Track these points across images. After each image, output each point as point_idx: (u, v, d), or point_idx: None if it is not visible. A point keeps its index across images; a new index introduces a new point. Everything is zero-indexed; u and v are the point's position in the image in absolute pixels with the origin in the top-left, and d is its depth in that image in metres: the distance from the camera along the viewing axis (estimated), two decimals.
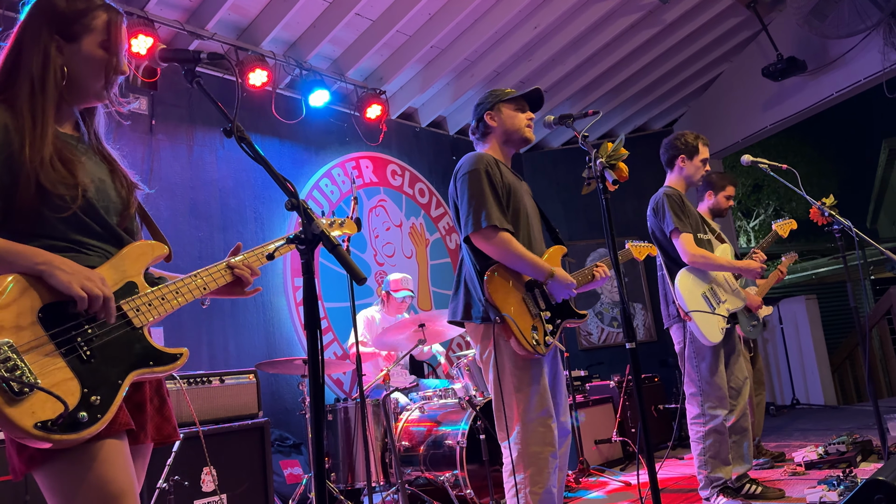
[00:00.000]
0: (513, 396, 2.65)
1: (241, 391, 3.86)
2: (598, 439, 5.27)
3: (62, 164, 1.55)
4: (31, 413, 1.32)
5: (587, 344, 7.81)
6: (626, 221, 7.67)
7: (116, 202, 1.67)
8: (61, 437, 1.34)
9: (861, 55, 6.44)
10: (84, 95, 1.67)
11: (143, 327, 1.56)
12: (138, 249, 1.66)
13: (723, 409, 3.52)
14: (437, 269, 6.76)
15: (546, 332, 2.69)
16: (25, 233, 1.51)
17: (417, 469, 4.14)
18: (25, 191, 1.50)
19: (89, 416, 1.39)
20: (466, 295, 2.76)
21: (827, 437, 4.93)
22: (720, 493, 3.49)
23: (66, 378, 1.40)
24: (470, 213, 2.70)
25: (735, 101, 7.71)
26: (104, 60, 1.64)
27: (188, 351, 1.62)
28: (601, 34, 6.22)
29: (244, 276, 1.76)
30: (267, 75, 5.14)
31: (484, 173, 2.74)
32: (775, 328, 8.27)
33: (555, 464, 2.64)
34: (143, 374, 1.53)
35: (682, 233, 3.58)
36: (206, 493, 3.44)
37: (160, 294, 1.61)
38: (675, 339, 3.68)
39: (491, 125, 2.92)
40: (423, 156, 6.94)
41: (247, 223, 5.37)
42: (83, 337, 1.46)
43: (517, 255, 2.68)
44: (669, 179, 3.86)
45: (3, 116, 1.52)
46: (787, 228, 4.19)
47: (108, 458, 1.45)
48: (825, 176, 19.42)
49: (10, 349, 1.35)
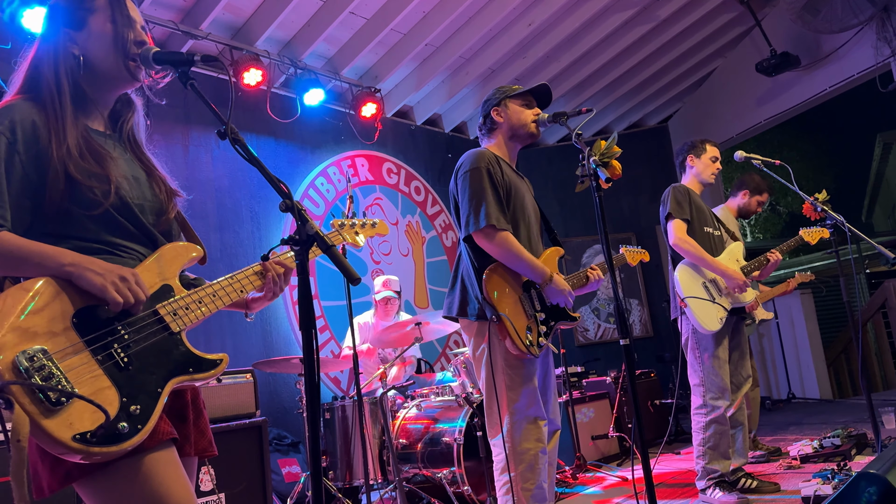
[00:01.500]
0: (504, 395, 2.68)
1: (238, 390, 3.87)
2: (594, 435, 5.29)
3: (91, 155, 1.50)
4: (69, 424, 1.24)
5: (584, 340, 7.84)
6: (621, 217, 7.70)
7: (153, 201, 1.62)
8: (101, 449, 1.26)
9: (854, 50, 6.47)
10: (107, 79, 1.61)
11: (181, 332, 1.49)
12: (173, 251, 1.60)
13: (724, 400, 3.55)
14: (433, 267, 6.77)
15: (540, 334, 2.71)
16: (55, 234, 1.46)
17: (415, 466, 4.15)
18: (54, 185, 1.44)
19: (129, 426, 1.31)
20: (463, 291, 2.78)
21: (822, 430, 4.96)
22: (716, 487, 3.52)
23: (103, 386, 1.32)
24: (471, 211, 2.70)
25: (729, 96, 7.73)
26: (116, 35, 1.59)
27: (228, 357, 1.55)
28: (595, 31, 6.24)
29: (273, 275, 1.70)
30: (262, 75, 5.15)
31: (485, 171, 2.74)
32: (771, 322, 8.30)
33: (545, 460, 2.67)
34: (184, 382, 1.46)
35: (675, 218, 3.62)
36: (205, 493, 3.45)
37: (197, 297, 1.55)
38: (681, 332, 3.70)
39: (497, 121, 2.91)
40: (418, 154, 6.95)
41: (243, 223, 5.37)
42: (120, 343, 1.38)
43: (517, 256, 2.68)
44: (683, 180, 3.94)
45: (31, 112, 1.49)
46: (817, 237, 3.99)
47: (158, 470, 1.37)
48: (820, 170, 19.48)
49: (45, 356, 1.27)
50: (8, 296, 1.32)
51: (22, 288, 1.34)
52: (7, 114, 1.47)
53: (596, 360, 7.00)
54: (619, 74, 7.06)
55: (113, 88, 1.66)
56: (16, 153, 1.44)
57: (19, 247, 1.38)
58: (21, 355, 1.25)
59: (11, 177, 1.43)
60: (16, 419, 1.22)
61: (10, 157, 1.43)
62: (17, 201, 1.43)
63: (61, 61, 1.57)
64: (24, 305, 1.31)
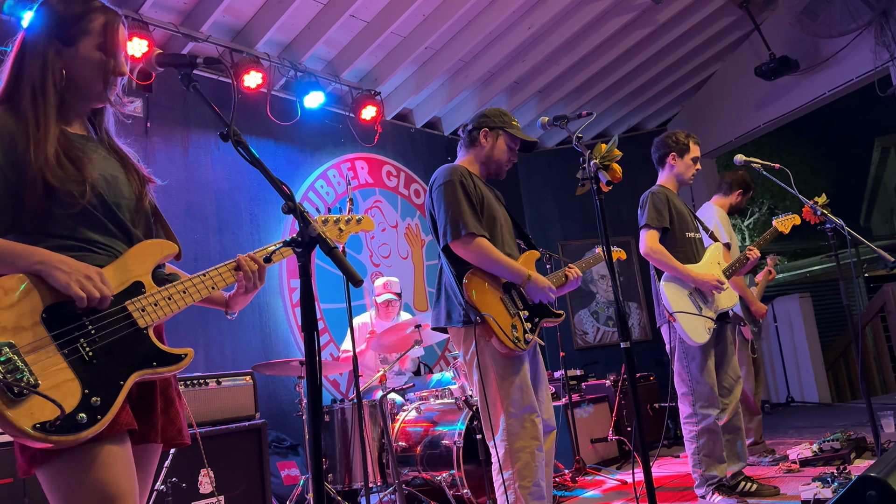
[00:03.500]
0: (497, 394, 2.72)
1: (237, 393, 3.86)
2: (594, 438, 5.29)
3: (69, 161, 1.55)
4: (30, 414, 1.32)
5: (583, 343, 7.83)
6: (621, 221, 7.70)
7: (129, 198, 1.67)
8: (59, 437, 1.34)
9: (853, 54, 6.48)
10: (85, 97, 1.67)
11: (147, 328, 1.55)
12: (147, 248, 1.65)
13: (714, 408, 3.54)
14: (432, 270, 6.76)
15: (525, 330, 2.78)
16: (35, 233, 1.52)
17: (414, 469, 4.15)
18: (32, 190, 1.50)
19: (88, 417, 1.38)
20: (447, 301, 2.86)
21: (821, 434, 4.95)
22: (716, 491, 3.51)
23: (66, 379, 1.39)
24: (448, 222, 2.79)
25: (728, 100, 7.74)
26: (102, 63, 1.64)
27: (193, 351, 1.60)
28: (595, 35, 6.24)
29: (247, 269, 1.71)
30: (262, 77, 5.15)
31: (458, 184, 2.84)
32: (769, 326, 8.31)
33: (541, 457, 2.70)
34: (147, 375, 1.52)
35: (651, 229, 3.62)
36: (204, 495, 3.45)
37: (167, 294, 1.60)
38: (665, 339, 3.70)
39: (482, 142, 3.01)
40: (418, 156, 6.95)
41: (242, 225, 5.37)
42: (86, 337, 1.45)
43: (494, 260, 2.77)
44: (661, 178, 3.89)
45: (7, 122, 1.54)
46: (790, 224, 4.13)
47: (108, 459, 1.44)
48: (819, 174, 19.49)
49: (11, 350, 1.35)
50: None
51: None
52: None
53: (595, 363, 7.00)
54: (618, 78, 7.07)
55: (88, 104, 1.72)
56: None
57: None
58: None
59: None
60: None
61: None
62: None
63: (49, 73, 1.61)
64: None
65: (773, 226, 4.12)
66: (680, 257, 3.61)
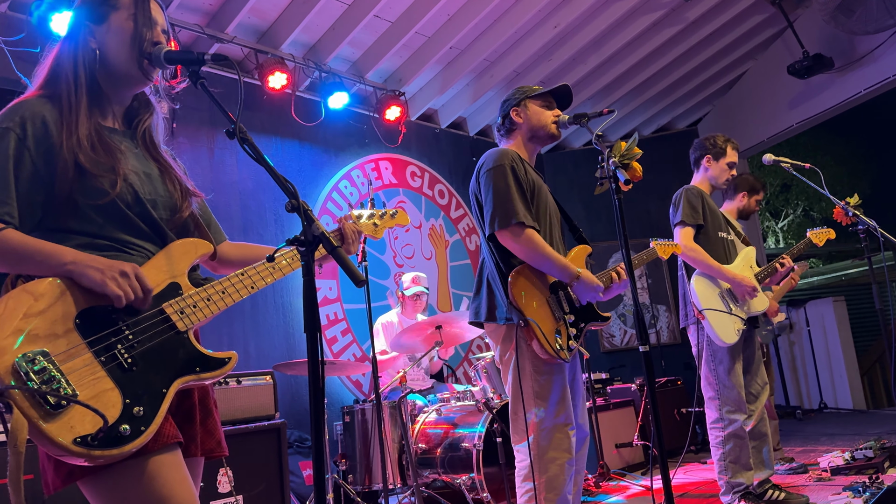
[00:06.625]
0: (532, 401, 2.59)
1: (258, 392, 3.87)
2: (618, 443, 5.21)
3: (101, 147, 1.50)
4: (70, 428, 1.23)
5: (609, 346, 7.73)
6: (650, 222, 7.57)
7: (165, 197, 1.61)
8: (102, 452, 1.25)
9: (890, 51, 6.30)
10: (120, 76, 1.61)
11: (188, 331, 1.47)
12: (182, 248, 1.57)
13: (741, 413, 3.45)
14: (456, 271, 6.73)
15: (570, 337, 2.62)
16: (62, 230, 1.46)
17: (434, 471, 4.12)
18: (63, 175, 1.44)
19: (132, 429, 1.29)
20: (490, 295, 2.69)
21: (854, 441, 4.81)
22: (742, 499, 3.42)
23: (106, 388, 1.30)
24: (495, 209, 2.62)
25: (761, 99, 7.59)
26: (132, 31, 1.59)
27: (237, 355, 1.53)
28: (622, 33, 6.15)
29: (349, 233, 1.86)
30: (286, 78, 5.17)
31: (509, 169, 2.67)
32: (802, 330, 8.12)
33: (571, 471, 2.58)
34: (190, 381, 1.43)
35: (686, 226, 3.54)
36: (223, 494, 3.46)
37: (205, 295, 1.52)
38: (691, 342, 3.62)
39: (517, 121, 2.85)
40: (442, 157, 6.93)
41: (267, 225, 5.40)
42: (123, 343, 1.36)
43: (544, 255, 2.59)
44: (695, 179, 3.82)
45: (43, 109, 1.50)
46: (824, 237, 4.00)
47: (161, 473, 1.35)
48: (856, 175, 19.01)
49: (45, 359, 1.26)
50: (10, 298, 1.32)
51: (24, 290, 1.34)
52: (18, 111, 1.49)
53: (622, 366, 6.90)
54: (647, 77, 6.96)
55: (127, 86, 1.66)
56: (25, 149, 1.45)
57: (23, 245, 1.38)
58: (21, 358, 1.25)
59: (20, 173, 1.43)
60: (13, 424, 1.20)
61: (20, 153, 1.44)
62: (26, 198, 1.44)
63: (80, 55, 1.58)
64: (26, 308, 1.31)
65: (808, 237, 4.02)
66: (712, 257, 3.54)
